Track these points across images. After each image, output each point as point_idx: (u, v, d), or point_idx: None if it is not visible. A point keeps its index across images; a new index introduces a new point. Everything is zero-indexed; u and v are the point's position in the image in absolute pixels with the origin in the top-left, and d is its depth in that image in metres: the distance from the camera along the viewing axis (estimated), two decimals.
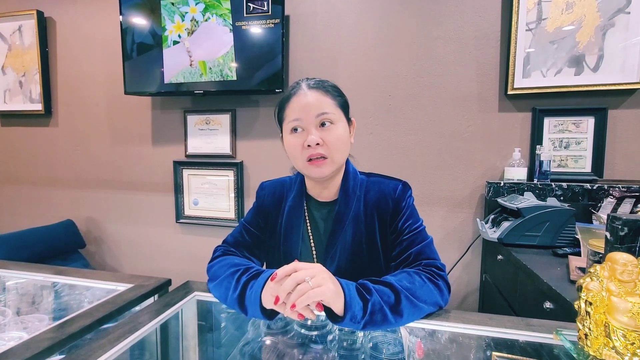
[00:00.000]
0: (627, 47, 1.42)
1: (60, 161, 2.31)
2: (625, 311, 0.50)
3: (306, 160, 0.76)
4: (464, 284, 1.71)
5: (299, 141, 0.76)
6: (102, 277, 0.95)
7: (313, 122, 0.75)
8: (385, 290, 0.64)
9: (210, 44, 1.73)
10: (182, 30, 1.73)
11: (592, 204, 1.39)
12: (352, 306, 0.60)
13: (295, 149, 0.77)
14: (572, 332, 0.59)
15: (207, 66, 1.75)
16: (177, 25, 1.72)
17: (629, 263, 0.51)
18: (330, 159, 0.76)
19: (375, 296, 0.62)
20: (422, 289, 0.67)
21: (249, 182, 1.98)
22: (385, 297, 0.63)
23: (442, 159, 1.69)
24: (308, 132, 0.75)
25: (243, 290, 0.68)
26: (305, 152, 0.75)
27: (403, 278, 0.68)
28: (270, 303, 0.62)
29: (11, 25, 2.24)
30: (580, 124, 1.53)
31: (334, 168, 0.78)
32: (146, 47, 1.84)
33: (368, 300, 0.61)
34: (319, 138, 0.74)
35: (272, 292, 0.62)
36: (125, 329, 0.65)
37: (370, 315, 0.60)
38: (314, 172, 0.77)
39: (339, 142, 0.76)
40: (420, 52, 1.68)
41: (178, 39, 1.74)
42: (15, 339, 0.69)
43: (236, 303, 0.68)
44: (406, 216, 0.80)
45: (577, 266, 0.98)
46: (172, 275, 0.95)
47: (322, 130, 0.75)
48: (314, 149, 0.74)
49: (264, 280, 0.65)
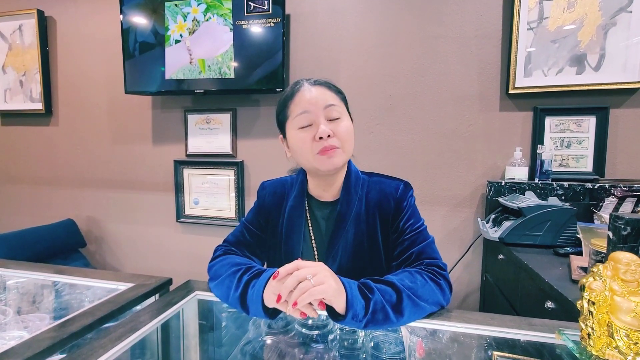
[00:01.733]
0: (629, 46, 1.42)
1: (60, 160, 2.31)
2: (629, 311, 0.49)
3: (317, 153, 0.74)
4: (465, 284, 1.71)
5: (308, 135, 0.75)
6: (102, 276, 0.95)
7: (321, 113, 0.75)
8: (387, 289, 0.64)
9: (210, 42, 1.77)
10: (184, 29, 1.77)
11: (594, 203, 1.39)
12: (354, 305, 0.59)
13: (304, 143, 0.75)
14: (574, 332, 0.58)
15: (206, 64, 1.77)
16: (179, 25, 1.76)
17: (633, 263, 0.51)
18: (342, 149, 0.76)
19: (377, 295, 0.62)
20: (423, 288, 0.67)
21: (250, 181, 1.98)
22: (387, 296, 0.63)
23: (443, 158, 1.69)
24: (317, 125, 0.74)
25: (245, 290, 0.67)
26: (316, 145, 0.74)
27: (405, 277, 0.68)
28: (272, 302, 0.62)
29: (12, 24, 2.24)
30: (582, 123, 1.52)
31: (345, 159, 0.78)
32: (148, 46, 1.86)
33: (370, 299, 0.61)
34: (329, 129, 0.73)
35: (274, 290, 0.61)
36: (126, 328, 0.65)
37: (372, 313, 0.60)
38: (326, 163, 0.75)
39: (348, 134, 0.77)
40: (421, 51, 1.68)
41: (180, 38, 1.77)
42: (16, 338, 0.69)
43: (238, 302, 0.68)
44: (408, 216, 0.80)
45: (579, 266, 0.98)
46: (173, 274, 0.95)
47: (330, 123, 0.75)
48: (325, 140, 0.73)
49: (266, 279, 0.65)
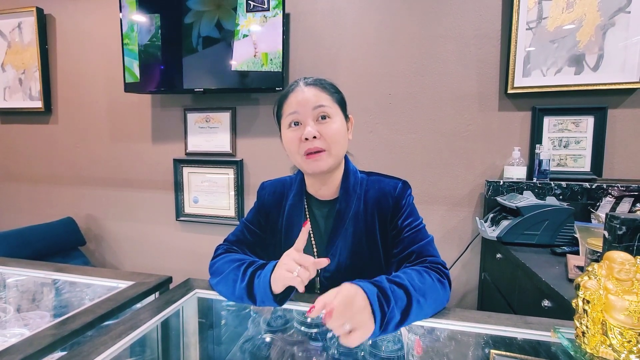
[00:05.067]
0: (628, 46, 1.42)
1: (60, 159, 2.31)
2: (622, 309, 0.50)
3: (304, 155, 0.75)
4: (463, 283, 1.72)
5: (296, 135, 0.75)
6: (103, 274, 0.95)
7: (310, 115, 0.75)
8: (400, 293, 0.62)
9: None
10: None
11: (591, 203, 1.39)
12: (375, 321, 0.57)
13: (292, 143, 0.76)
14: (569, 330, 0.59)
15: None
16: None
17: (627, 262, 0.51)
18: (328, 151, 0.75)
19: (392, 304, 0.60)
20: (431, 290, 0.67)
21: (249, 180, 1.98)
22: (400, 302, 0.61)
23: (442, 158, 1.69)
24: (305, 125, 0.75)
25: (251, 280, 0.69)
26: (302, 145, 0.75)
27: (415, 276, 0.68)
28: (282, 280, 0.63)
29: (11, 22, 2.24)
30: (580, 123, 1.53)
31: (332, 162, 0.77)
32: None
33: (386, 313, 0.59)
34: (316, 131, 0.74)
35: (285, 267, 0.63)
36: (126, 326, 0.66)
37: (386, 324, 0.59)
38: (311, 166, 0.76)
39: (337, 135, 0.76)
40: (421, 50, 1.68)
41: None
42: (17, 335, 0.70)
43: (245, 293, 0.69)
44: (406, 214, 0.81)
45: (576, 265, 0.99)
46: (172, 272, 0.96)
47: (319, 124, 0.75)
48: (311, 142, 0.74)
49: (272, 268, 0.67)
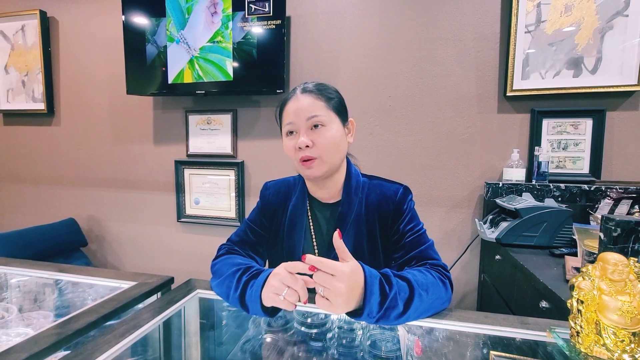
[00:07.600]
0: (625, 49, 1.43)
1: (62, 160, 2.32)
2: (616, 309, 0.51)
3: (299, 162, 0.79)
4: (463, 284, 1.72)
5: (292, 143, 0.80)
6: (105, 274, 0.96)
7: (304, 125, 0.78)
8: (403, 285, 0.65)
9: None
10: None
11: (590, 205, 1.40)
12: (371, 301, 0.59)
13: (289, 150, 0.81)
14: (565, 330, 0.60)
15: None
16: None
17: (620, 263, 0.52)
18: (320, 159, 0.78)
19: (394, 290, 0.62)
20: (434, 287, 0.69)
21: (250, 181, 1.99)
22: (402, 293, 0.63)
23: (442, 160, 1.70)
24: (299, 135, 0.78)
25: (244, 290, 0.69)
26: (297, 153, 0.79)
27: (417, 274, 0.69)
28: (270, 301, 0.63)
29: (14, 24, 2.26)
30: (579, 125, 1.54)
31: (325, 169, 0.79)
32: None
33: (387, 296, 0.61)
34: (308, 140, 0.77)
35: (272, 289, 0.63)
36: (128, 326, 0.67)
37: (385, 310, 0.61)
38: (306, 172, 0.80)
39: (329, 143, 0.78)
40: (420, 53, 1.69)
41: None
42: (21, 335, 0.70)
43: (238, 302, 0.70)
44: (407, 219, 0.82)
45: (573, 266, 0.99)
46: (173, 273, 0.97)
47: (312, 133, 0.78)
48: (303, 151, 0.77)
49: (263, 279, 0.66)
